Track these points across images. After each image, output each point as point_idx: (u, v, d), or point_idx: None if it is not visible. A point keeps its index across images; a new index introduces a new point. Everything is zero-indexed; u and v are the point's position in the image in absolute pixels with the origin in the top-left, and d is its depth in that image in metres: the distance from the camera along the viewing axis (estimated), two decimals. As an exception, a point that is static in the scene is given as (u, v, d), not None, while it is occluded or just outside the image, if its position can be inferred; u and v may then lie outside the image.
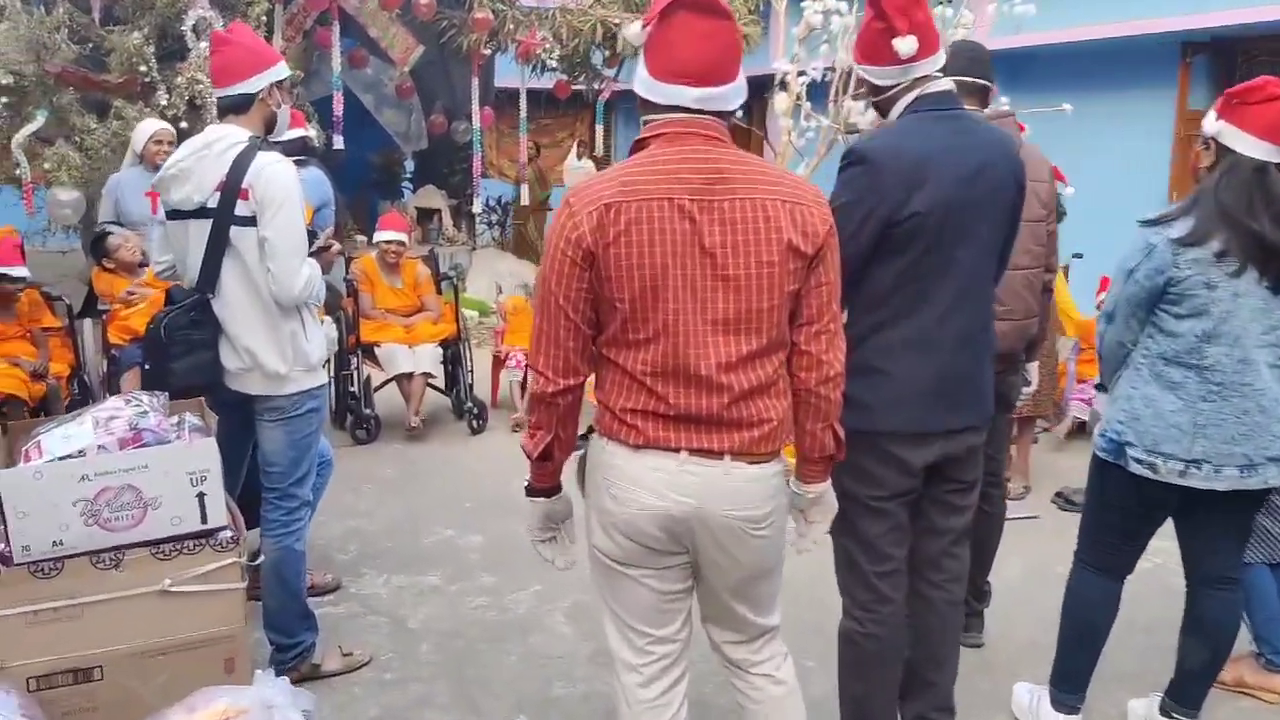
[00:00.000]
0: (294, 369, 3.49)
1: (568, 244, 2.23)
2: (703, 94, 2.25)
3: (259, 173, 3.33)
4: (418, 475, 6.00)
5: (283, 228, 3.34)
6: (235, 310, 3.40)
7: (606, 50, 10.66)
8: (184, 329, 3.36)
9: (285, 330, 3.46)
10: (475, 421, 6.79)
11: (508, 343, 7.28)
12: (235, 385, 3.49)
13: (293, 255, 3.37)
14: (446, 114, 12.10)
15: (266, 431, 3.57)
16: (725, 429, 2.27)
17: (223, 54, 3.43)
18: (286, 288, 3.36)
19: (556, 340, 2.29)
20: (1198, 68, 10.13)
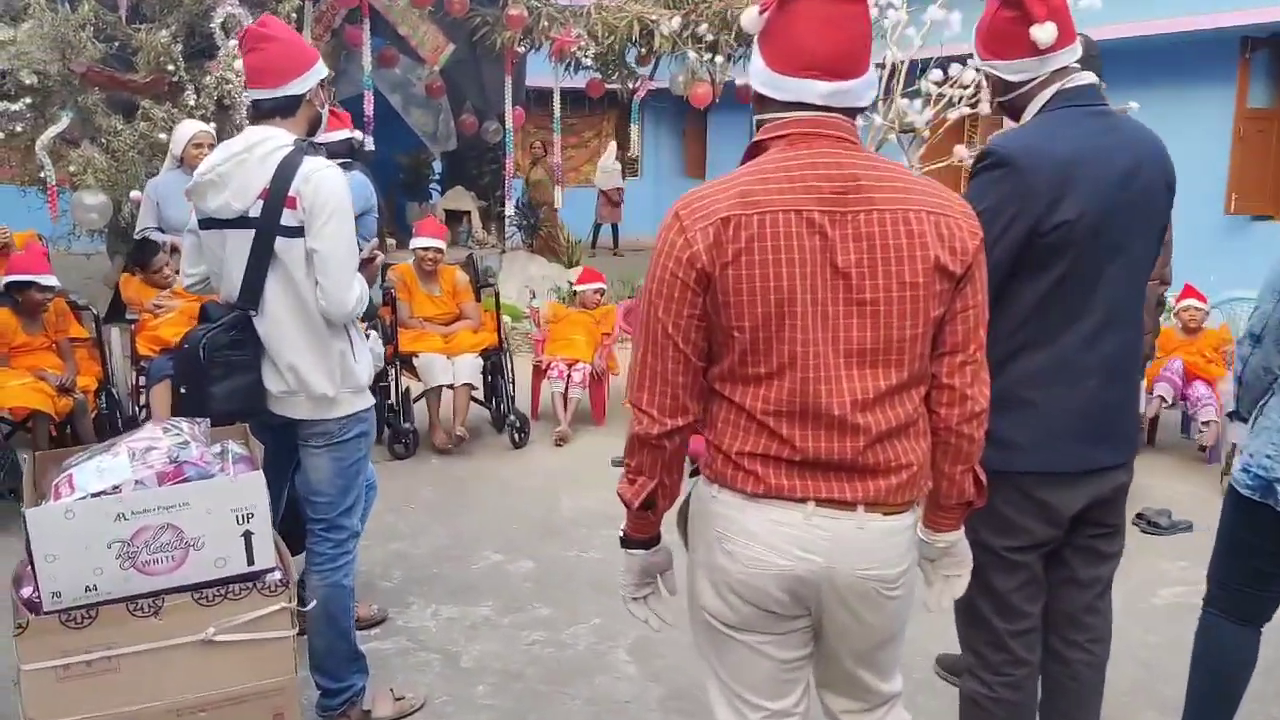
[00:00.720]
0: (342, 390, 3.23)
1: (678, 264, 1.93)
2: (833, 89, 1.95)
3: (307, 179, 3.05)
4: (460, 494, 5.71)
5: (334, 239, 3.08)
6: (280, 328, 3.13)
7: (642, 48, 10.35)
8: (224, 349, 3.08)
9: (334, 349, 3.19)
10: (517, 435, 6.50)
11: (549, 352, 7.00)
12: (278, 409, 3.22)
13: (344, 268, 3.11)
14: (477, 114, 11.82)
15: (312, 459, 3.30)
16: (859, 476, 1.97)
17: (265, 52, 3.14)
18: (338, 304, 3.10)
19: (663, 375, 1.99)
20: (1257, 64, 9.79)
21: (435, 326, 6.51)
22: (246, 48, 3.16)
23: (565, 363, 6.82)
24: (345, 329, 3.25)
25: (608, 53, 10.61)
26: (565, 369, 6.80)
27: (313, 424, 3.24)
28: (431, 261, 6.46)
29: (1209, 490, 5.81)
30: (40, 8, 7.61)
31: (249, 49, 3.15)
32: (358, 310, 3.19)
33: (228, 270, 3.15)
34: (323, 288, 3.07)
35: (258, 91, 3.15)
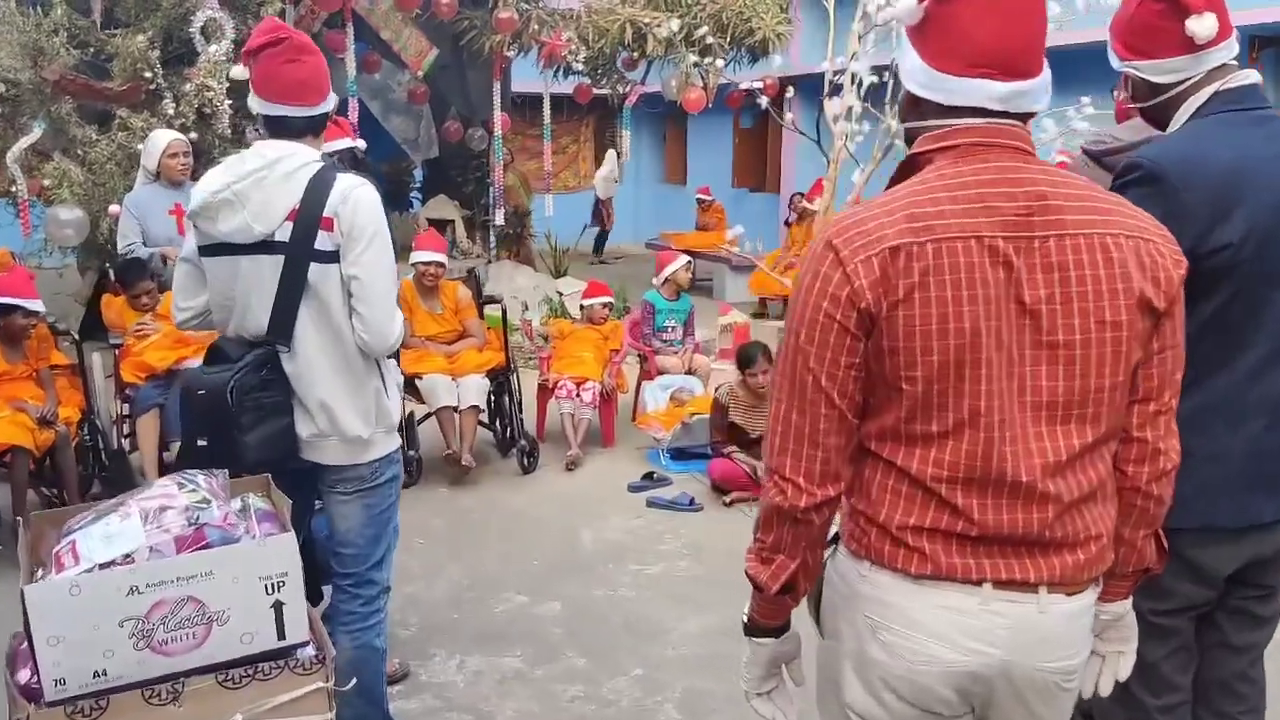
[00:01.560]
0: (376, 431, 2.92)
1: (834, 304, 1.61)
2: (1010, 90, 1.64)
3: (345, 199, 2.74)
4: (472, 527, 5.35)
5: (375, 264, 2.78)
6: (311, 365, 2.80)
7: (634, 51, 10.03)
8: (255, 392, 2.75)
9: (369, 387, 2.89)
10: (526, 460, 6.14)
11: (555, 370, 6.65)
12: (306, 455, 2.89)
13: (387, 297, 2.82)
14: (462, 120, 11.46)
15: (341, 507, 2.98)
16: (1043, 551, 1.66)
17: (307, 65, 2.82)
18: (381, 336, 2.80)
19: (813, 436, 1.67)
20: (1266, 63, 9.60)
21: (438, 346, 6.15)
22: (283, 58, 2.78)
23: (574, 381, 6.48)
24: (377, 363, 2.92)
25: (598, 57, 10.28)
26: (574, 388, 6.46)
27: (342, 470, 2.93)
28: (432, 277, 6.10)
29: None
30: (10, 12, 7.18)
31: (288, 59, 2.78)
32: (400, 342, 2.91)
33: (244, 302, 2.81)
34: (363, 318, 2.76)
35: (293, 108, 2.80)
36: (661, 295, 7.26)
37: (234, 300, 2.82)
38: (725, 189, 16.27)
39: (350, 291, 2.77)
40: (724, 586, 4.60)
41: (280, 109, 2.80)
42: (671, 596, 4.49)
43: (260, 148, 2.81)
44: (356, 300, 2.76)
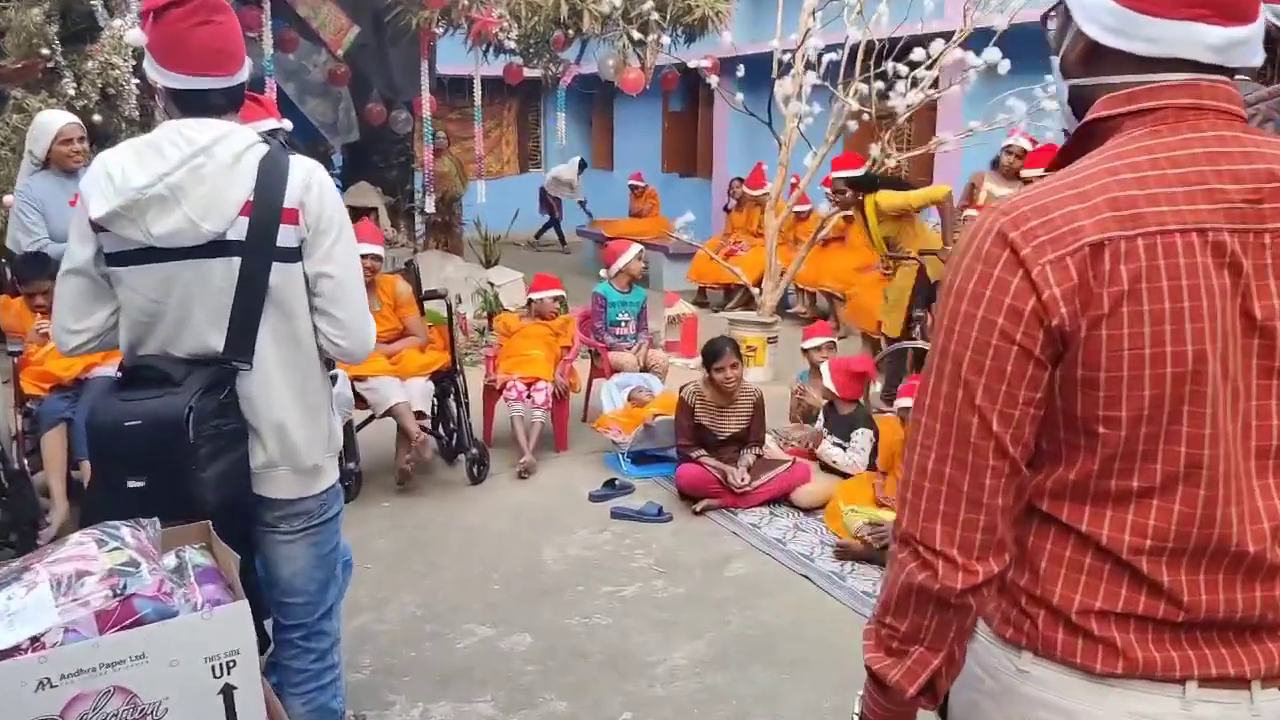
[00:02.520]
0: (326, 457, 2.52)
1: (1015, 320, 1.21)
2: (1229, 38, 1.26)
3: (309, 186, 2.33)
4: (423, 546, 4.87)
5: (348, 259, 2.41)
6: (270, 383, 2.38)
7: (570, 29, 9.55)
8: (213, 419, 2.28)
9: (325, 405, 2.50)
10: (476, 469, 5.66)
11: (504, 369, 6.17)
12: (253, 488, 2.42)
13: (362, 295, 2.46)
14: (385, 102, 10.86)
15: (284, 548, 2.54)
16: (1256, 637, 1.29)
17: (222, 26, 2.34)
18: (361, 341, 2.45)
19: (974, 495, 1.26)
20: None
21: (378, 346, 5.62)
22: (194, 19, 2.28)
23: (524, 382, 6.02)
24: (322, 377, 2.51)
25: (530, 35, 9.78)
26: (524, 389, 5.99)
27: (289, 505, 2.50)
28: (369, 272, 5.58)
29: None
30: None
31: (200, 21, 2.28)
32: (372, 345, 2.54)
33: (180, 315, 2.34)
34: (339, 322, 2.39)
35: (208, 79, 2.31)
36: (614, 287, 6.82)
37: (163, 314, 2.33)
38: (655, 174, 15.84)
39: (318, 292, 2.37)
40: (707, 607, 4.21)
41: (193, 81, 2.30)
42: (652, 623, 4.08)
43: (181, 129, 2.31)
44: (329, 302, 2.37)
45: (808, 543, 4.88)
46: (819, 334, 6.09)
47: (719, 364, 5.33)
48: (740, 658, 3.82)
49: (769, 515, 5.22)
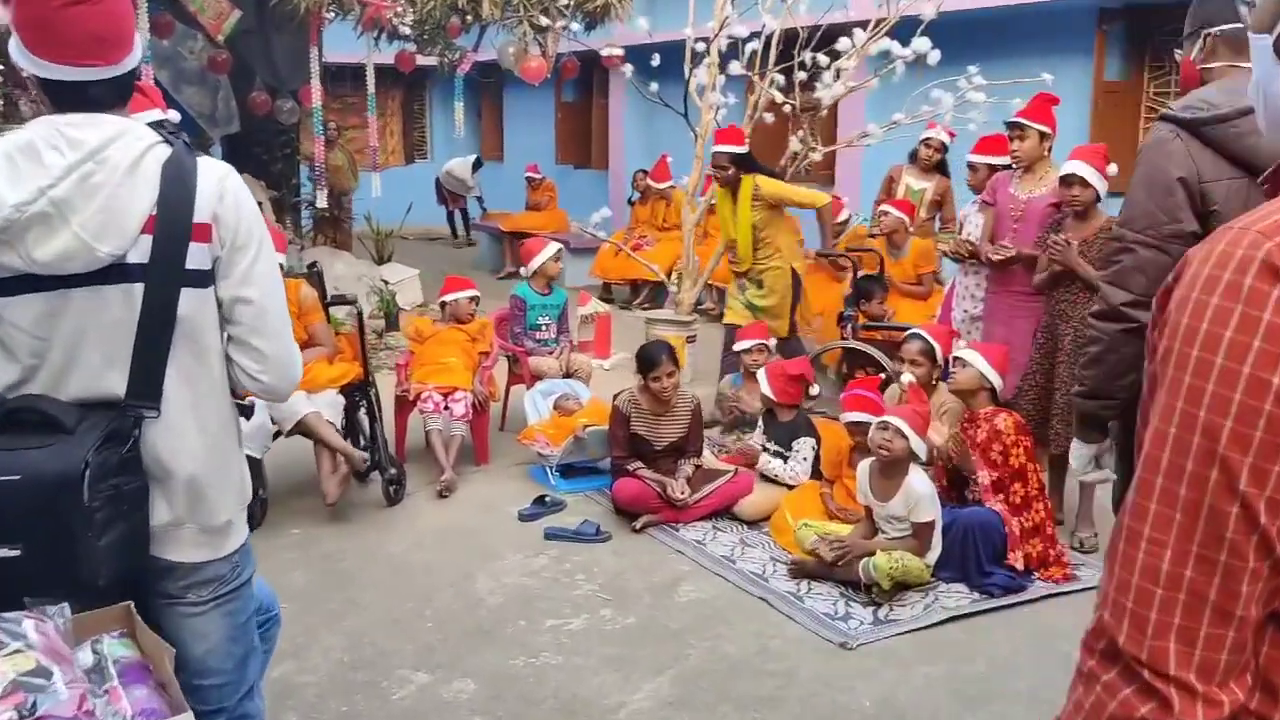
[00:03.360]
0: (238, 510, 2.15)
1: None
2: None
3: (221, 193, 1.95)
4: (342, 579, 4.44)
5: (269, 280, 2.04)
6: (178, 430, 1.99)
7: (469, 15, 9.10)
8: (114, 476, 1.87)
9: (236, 450, 2.14)
10: (394, 489, 5.23)
11: (417, 378, 5.75)
12: (153, 551, 2.03)
13: (287, 322, 2.10)
14: (269, 91, 10.24)
15: (194, 621, 2.13)
16: None
17: (100, 5, 1.89)
18: (287, 377, 2.10)
19: (1222, 604, 0.97)
20: (1113, 36, 9.51)
21: (279, 358, 5.15)
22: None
23: (440, 392, 5.61)
24: (234, 418, 2.14)
25: (425, 21, 9.30)
26: (441, 400, 5.59)
27: (197, 569, 2.08)
28: (269, 279, 5.10)
29: None
30: None
31: None
32: (299, 380, 2.18)
33: (68, 353, 1.93)
34: (260, 355, 2.02)
35: (90, 69, 1.89)
36: (532, 289, 6.45)
37: (49, 353, 1.91)
38: (549, 166, 15.42)
39: (235, 320, 2.00)
40: (662, 639, 3.90)
41: (67, 71, 1.88)
42: (605, 660, 3.74)
43: (63, 129, 1.87)
44: (248, 332, 2.00)
45: (758, 560, 4.60)
46: (752, 336, 5.82)
47: (655, 373, 5.01)
48: (707, 697, 3.51)
49: (712, 530, 4.93)
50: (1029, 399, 4.80)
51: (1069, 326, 4.66)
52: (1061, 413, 4.67)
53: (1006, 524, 4.37)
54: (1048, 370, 4.75)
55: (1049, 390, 4.74)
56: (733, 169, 6.25)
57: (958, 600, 4.22)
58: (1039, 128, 5.10)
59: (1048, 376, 4.75)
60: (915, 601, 4.18)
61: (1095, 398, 2.58)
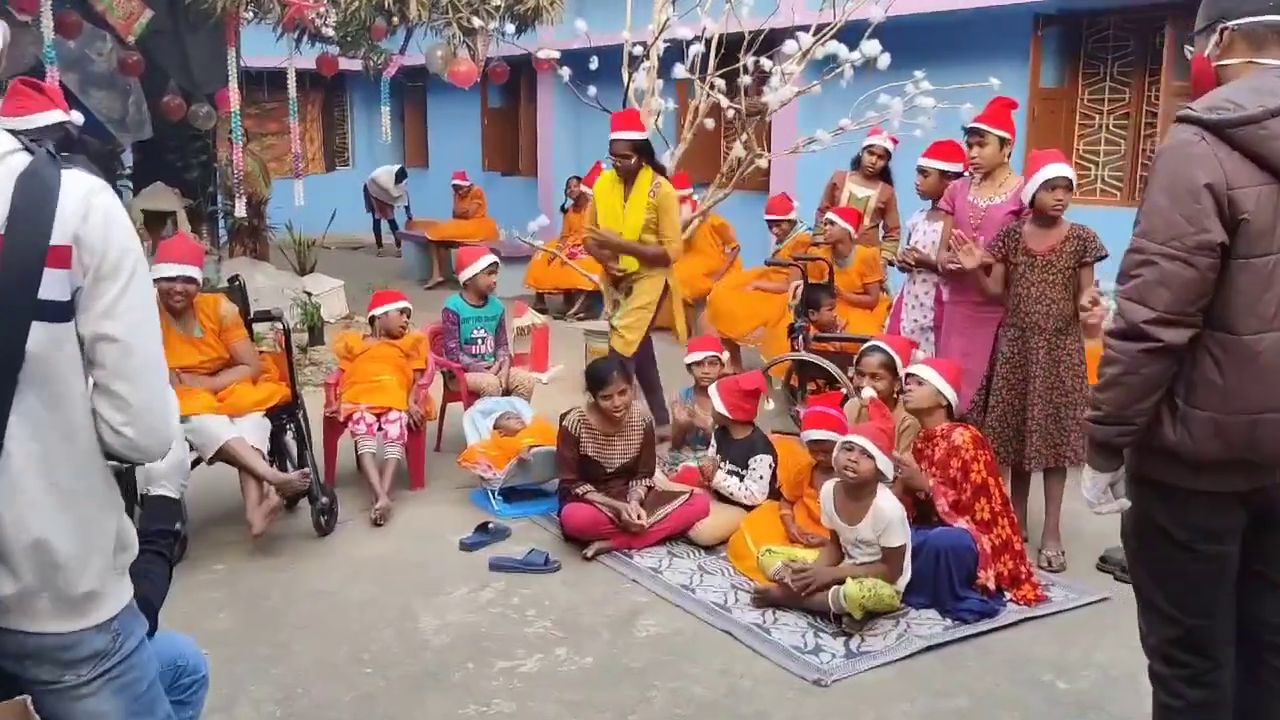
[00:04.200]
0: (111, 574, 1.80)
1: None
2: None
3: (86, 212, 1.65)
4: (271, 619, 4.09)
5: (140, 315, 1.72)
6: (22, 487, 1.68)
7: (395, 16, 8.75)
8: None
9: (106, 508, 1.79)
10: (325, 518, 4.88)
11: (347, 398, 5.41)
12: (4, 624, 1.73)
13: (159, 365, 1.77)
14: (184, 95, 9.77)
15: (86, 706, 1.81)
16: None
17: None
18: (155, 431, 1.77)
19: None
20: (1048, 42, 9.48)
21: (199, 379, 4.78)
22: None
23: (373, 413, 5.27)
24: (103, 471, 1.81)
25: (349, 22, 8.94)
26: (374, 421, 5.25)
27: (64, 646, 1.76)
28: (182, 296, 4.74)
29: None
30: None
31: None
32: (174, 436, 1.84)
33: None
34: (124, 405, 1.70)
35: None
36: (465, 301, 6.13)
37: None
38: (475, 173, 15.04)
39: (97, 362, 1.69)
40: (624, 680, 3.63)
41: None
42: (565, 706, 3.46)
43: None
44: (111, 375, 1.68)
45: (718, 588, 4.35)
46: (703, 348, 5.58)
47: (606, 391, 4.73)
48: (677, 746, 3.25)
49: (668, 556, 4.67)
50: (997, 415, 4.61)
51: (1042, 339, 4.49)
52: (1041, 429, 4.50)
53: (977, 541, 4.18)
54: (1017, 384, 4.57)
55: (1021, 406, 4.56)
56: (635, 158, 5.79)
57: (931, 628, 4.01)
58: (998, 133, 4.94)
59: (1017, 392, 4.57)
60: (887, 630, 3.96)
61: (1112, 423, 2.37)
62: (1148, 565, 2.54)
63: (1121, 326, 2.31)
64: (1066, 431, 4.53)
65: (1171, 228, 2.24)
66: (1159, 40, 8.73)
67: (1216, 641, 2.49)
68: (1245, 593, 2.49)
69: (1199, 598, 2.45)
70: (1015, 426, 4.59)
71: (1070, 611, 4.19)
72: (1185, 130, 2.27)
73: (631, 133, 5.79)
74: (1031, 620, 4.09)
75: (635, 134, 5.80)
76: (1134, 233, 2.33)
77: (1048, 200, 4.48)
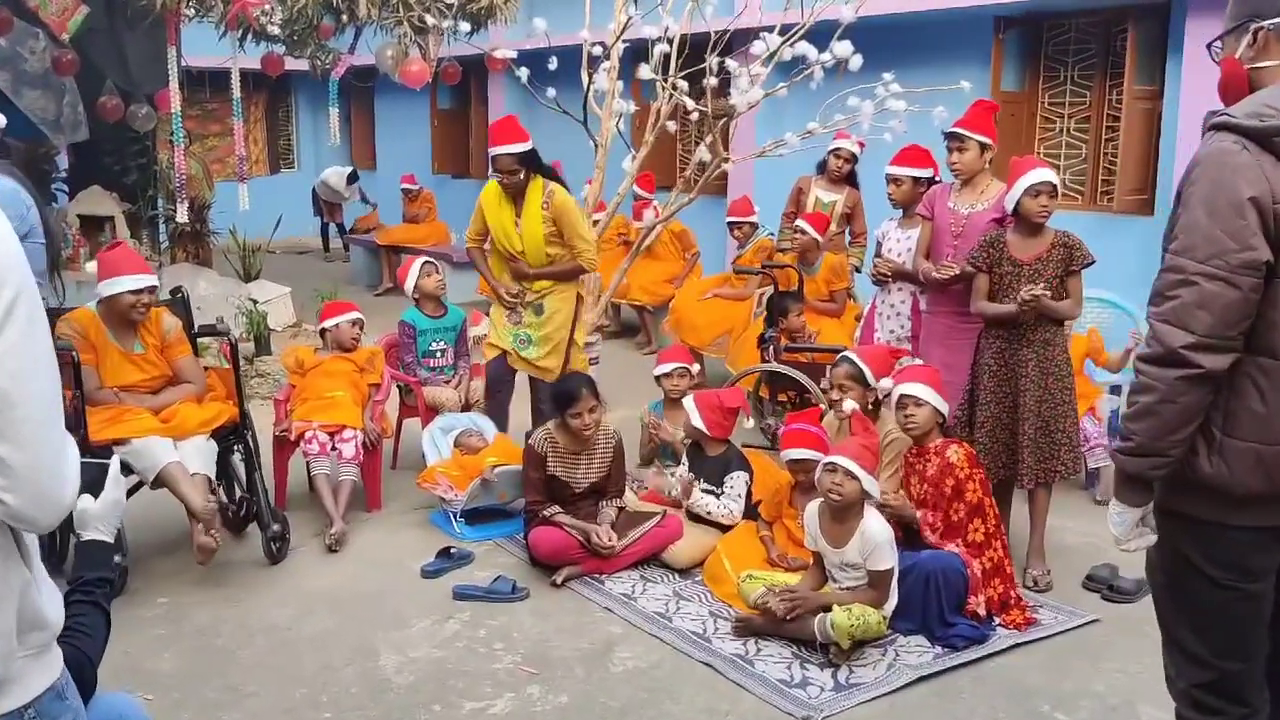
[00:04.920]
0: (20, 658, 1.53)
1: None
2: None
3: None
4: (220, 658, 3.81)
5: (23, 358, 1.43)
6: None
7: (344, 14, 8.45)
8: None
9: (9, 585, 1.52)
10: (276, 545, 4.60)
11: (299, 415, 5.13)
12: None
13: (50, 414, 1.47)
14: (122, 96, 9.40)
15: None
16: None
17: None
18: (47, 501, 1.48)
19: None
20: (1009, 45, 9.39)
21: (140, 398, 4.49)
22: None
23: (327, 431, 5.00)
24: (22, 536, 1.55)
25: (297, 20, 8.63)
26: (328, 440, 4.98)
27: None
28: (144, 309, 4.46)
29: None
30: None
31: None
32: (75, 498, 1.55)
33: None
34: (6, 468, 1.41)
35: None
36: (422, 312, 5.87)
37: None
38: (425, 175, 14.70)
39: None
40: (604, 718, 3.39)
41: None
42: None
43: None
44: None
45: (696, 616, 4.13)
46: (673, 359, 5.37)
47: (575, 409, 4.50)
48: (662, 794, 3.03)
49: (641, 581, 4.45)
50: (986, 430, 4.44)
51: (1031, 351, 4.33)
52: (1033, 444, 4.34)
53: (968, 565, 4.01)
54: (1006, 399, 4.40)
55: (1010, 420, 4.39)
56: (522, 171, 5.31)
57: (921, 656, 3.83)
58: (979, 138, 4.79)
59: (1007, 407, 4.40)
60: (876, 660, 3.77)
61: (1146, 455, 2.18)
62: (1177, 604, 2.36)
63: (1157, 351, 2.13)
64: (1056, 445, 4.38)
65: (1212, 245, 2.06)
66: (1120, 43, 8.67)
67: (1251, 686, 2.32)
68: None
69: (1233, 639, 2.28)
70: (1005, 441, 4.43)
71: (1061, 635, 4.03)
72: (1225, 138, 2.09)
73: (515, 145, 5.26)
74: (1023, 645, 3.93)
75: (519, 146, 5.27)
76: (1169, 249, 2.15)
77: (1032, 207, 4.33)
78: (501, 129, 5.34)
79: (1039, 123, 9.45)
